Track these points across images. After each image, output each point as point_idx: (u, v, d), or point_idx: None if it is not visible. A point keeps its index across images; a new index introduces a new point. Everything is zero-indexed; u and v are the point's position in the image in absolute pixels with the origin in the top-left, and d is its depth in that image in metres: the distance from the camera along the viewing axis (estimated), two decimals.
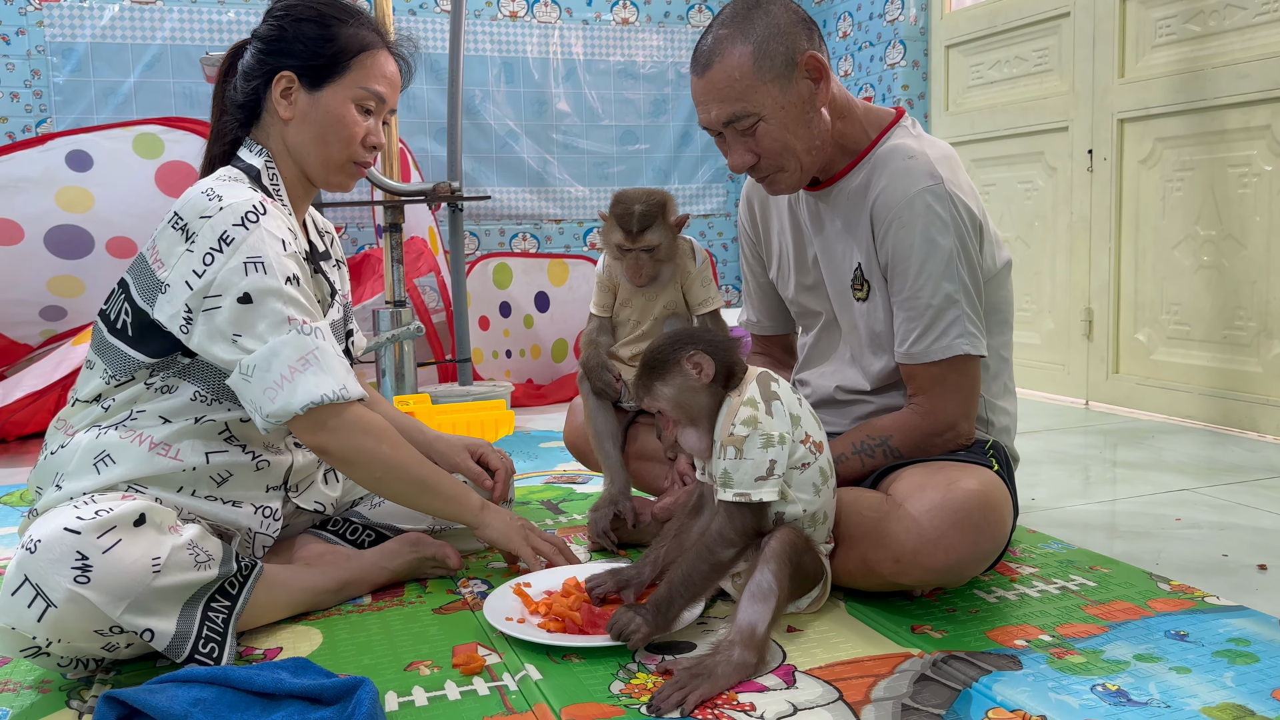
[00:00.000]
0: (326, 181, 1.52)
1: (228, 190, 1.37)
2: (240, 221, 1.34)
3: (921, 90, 3.79)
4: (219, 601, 1.30)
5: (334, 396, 1.33)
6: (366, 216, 3.95)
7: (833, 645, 1.31)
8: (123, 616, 1.18)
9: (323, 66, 1.46)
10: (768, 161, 1.47)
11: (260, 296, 1.32)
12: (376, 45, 1.50)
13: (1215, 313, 2.72)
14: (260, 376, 1.32)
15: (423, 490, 1.46)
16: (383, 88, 1.50)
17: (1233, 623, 1.36)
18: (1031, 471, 2.27)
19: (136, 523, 1.23)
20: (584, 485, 2.24)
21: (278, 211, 1.39)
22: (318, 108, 1.47)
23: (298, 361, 1.32)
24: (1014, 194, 3.39)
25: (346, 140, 1.48)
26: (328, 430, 1.35)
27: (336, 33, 1.47)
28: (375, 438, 1.39)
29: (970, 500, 1.30)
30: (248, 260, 1.32)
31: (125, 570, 1.18)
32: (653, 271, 1.70)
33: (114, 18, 3.64)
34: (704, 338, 1.33)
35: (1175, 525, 1.85)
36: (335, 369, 1.35)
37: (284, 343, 1.32)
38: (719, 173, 4.55)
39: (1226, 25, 2.64)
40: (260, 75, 1.47)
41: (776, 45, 1.41)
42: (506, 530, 1.50)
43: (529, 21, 4.18)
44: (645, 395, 1.34)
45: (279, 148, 1.50)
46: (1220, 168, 2.68)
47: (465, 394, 3.00)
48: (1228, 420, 2.69)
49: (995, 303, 1.55)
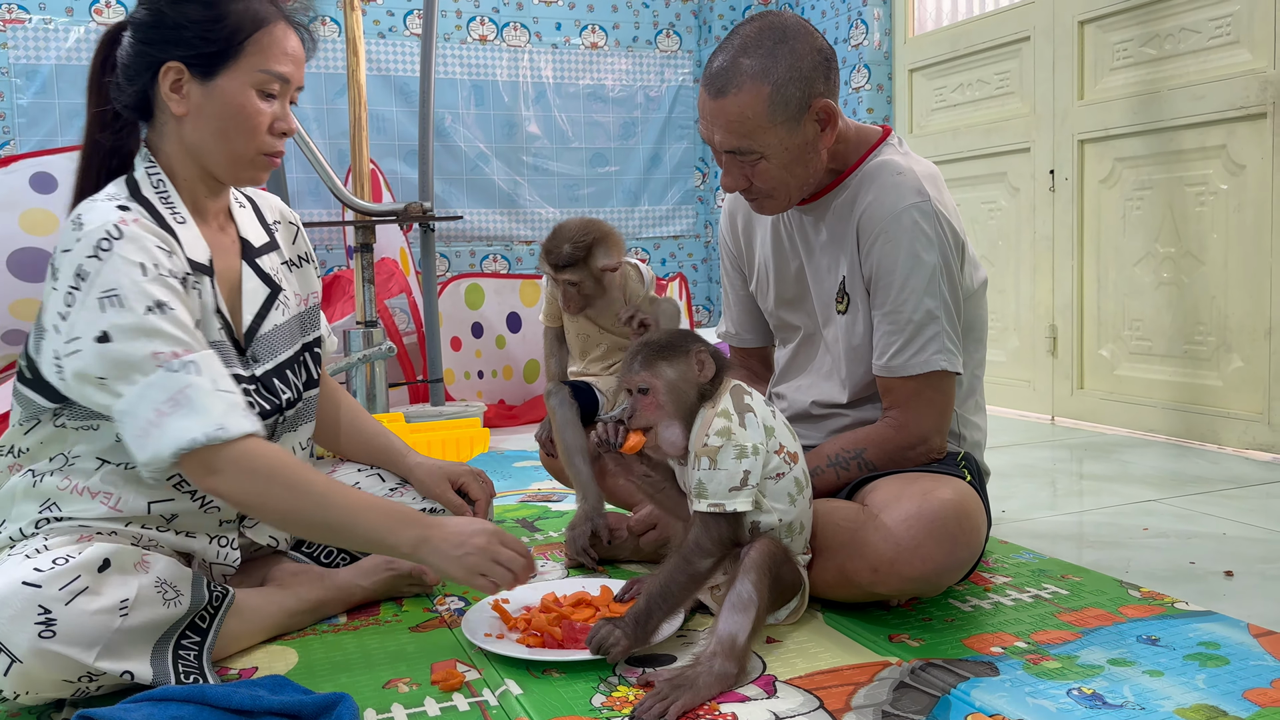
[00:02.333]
0: (236, 178, 1.37)
1: (90, 215, 1.23)
2: (94, 253, 1.20)
3: (886, 113, 3.85)
4: (189, 637, 1.26)
5: (206, 439, 1.18)
6: (337, 237, 3.93)
7: (812, 655, 1.31)
8: (97, 663, 1.14)
9: (214, 52, 1.29)
10: (760, 189, 1.49)
11: (118, 334, 1.18)
12: (273, 18, 1.32)
13: (1176, 328, 2.78)
14: (130, 424, 1.19)
15: (332, 535, 1.31)
16: (285, 67, 1.33)
17: (1202, 627, 1.38)
18: (1002, 485, 2.29)
19: (101, 568, 1.19)
20: (559, 503, 2.24)
21: (139, 231, 1.23)
22: (214, 99, 1.30)
23: (165, 403, 1.18)
24: (978, 214, 3.45)
25: (251, 131, 1.32)
26: (214, 474, 1.21)
27: (225, 10, 1.29)
28: (265, 479, 1.22)
29: (946, 510, 1.32)
30: (101, 296, 1.19)
31: (91, 618, 1.15)
32: (579, 304, 1.77)
33: (79, 40, 3.61)
34: (708, 343, 1.37)
35: (1143, 535, 1.88)
36: (209, 407, 1.19)
37: (150, 384, 1.18)
38: (688, 194, 4.59)
39: (1182, 49, 2.72)
40: (143, 69, 1.30)
41: (794, 89, 1.41)
42: (444, 565, 1.26)
43: (499, 45, 4.20)
44: (645, 371, 1.32)
45: (175, 148, 1.34)
46: (1178, 187, 2.74)
47: (438, 414, 2.99)
48: (1190, 433, 2.74)
49: (971, 321, 1.57)
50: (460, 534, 1.27)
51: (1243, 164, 2.56)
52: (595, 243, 1.73)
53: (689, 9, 4.53)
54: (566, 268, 1.73)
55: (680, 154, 4.56)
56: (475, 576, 1.26)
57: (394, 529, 1.26)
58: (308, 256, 1.58)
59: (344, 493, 1.28)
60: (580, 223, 1.76)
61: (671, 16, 4.50)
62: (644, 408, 1.32)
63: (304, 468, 1.28)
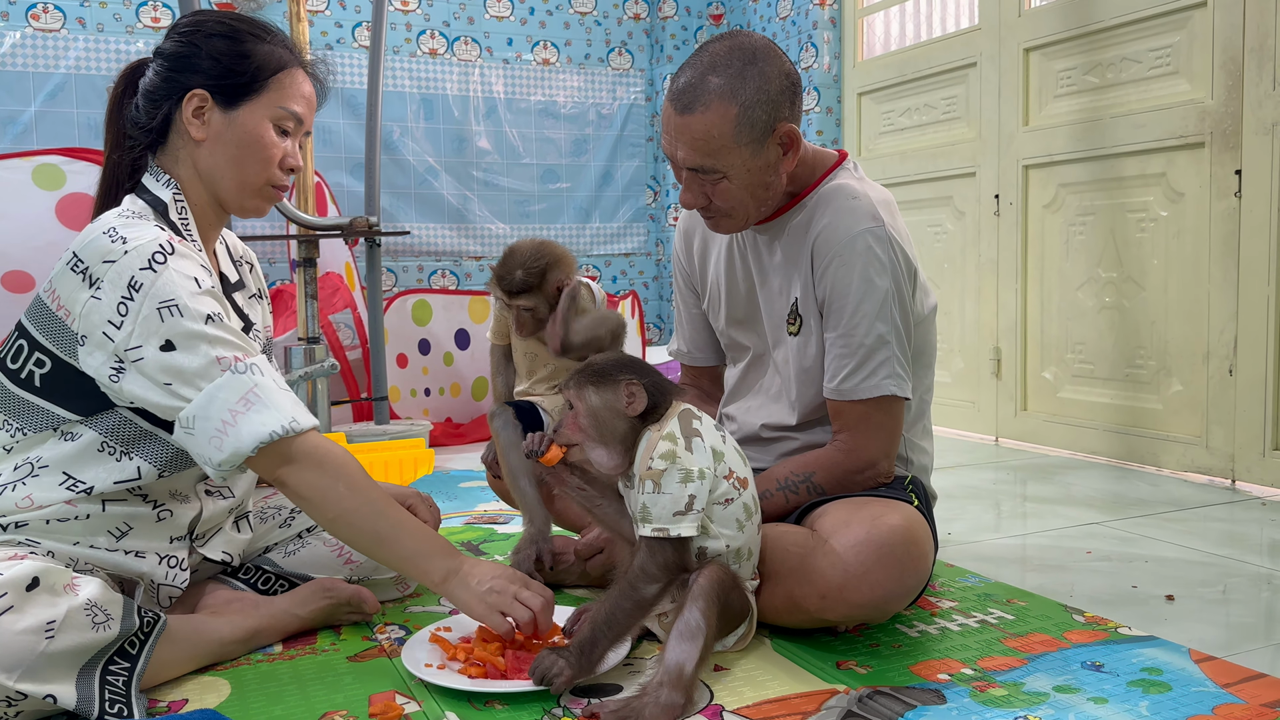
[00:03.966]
0: (241, 206, 1.44)
1: (132, 230, 1.29)
2: (148, 264, 1.26)
3: (835, 136, 3.88)
4: (117, 663, 1.22)
5: (283, 430, 1.25)
6: (280, 251, 3.86)
7: (760, 683, 1.30)
8: (19, 684, 1.11)
9: (239, 84, 1.38)
10: (719, 208, 1.48)
11: (182, 341, 1.25)
12: (292, 64, 1.43)
13: (1117, 352, 2.83)
14: (202, 427, 1.25)
15: (377, 544, 1.33)
16: (300, 108, 1.44)
17: (1145, 652, 1.39)
18: (947, 506, 2.31)
19: (29, 587, 1.15)
20: (505, 525, 2.20)
21: (187, 249, 1.31)
22: (234, 128, 1.39)
23: (238, 403, 1.25)
24: (924, 237, 3.49)
25: (265, 162, 1.41)
26: (289, 463, 1.28)
27: (252, 49, 1.39)
28: (332, 475, 1.30)
29: (894, 536, 1.31)
30: (161, 305, 1.25)
31: (14, 639, 1.11)
32: (533, 327, 1.75)
33: (15, 45, 3.51)
34: (650, 373, 1.34)
35: (1086, 558, 1.90)
36: (280, 402, 1.27)
37: (219, 386, 1.25)
38: (639, 212, 4.58)
39: (1123, 78, 2.78)
40: (168, 94, 1.39)
41: (760, 112, 1.41)
42: (468, 599, 1.31)
43: (449, 59, 4.17)
44: (573, 390, 1.33)
45: (188, 173, 1.41)
46: (1120, 213, 2.80)
47: (382, 433, 2.93)
48: (1130, 455, 2.78)
49: (920, 346, 1.58)
50: (486, 573, 1.33)
51: (1182, 191, 2.62)
52: (549, 267, 1.71)
53: (641, 28, 4.54)
54: (520, 294, 1.70)
55: (632, 172, 4.55)
56: (493, 613, 1.30)
57: (432, 554, 1.33)
58: (263, 292, 1.63)
59: (397, 508, 1.34)
60: (533, 246, 1.73)
61: (624, 35, 4.50)
62: (568, 424, 1.33)
63: (364, 472, 1.34)
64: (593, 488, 1.38)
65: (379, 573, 1.64)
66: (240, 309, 1.50)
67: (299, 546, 1.61)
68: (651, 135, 4.56)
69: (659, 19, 4.51)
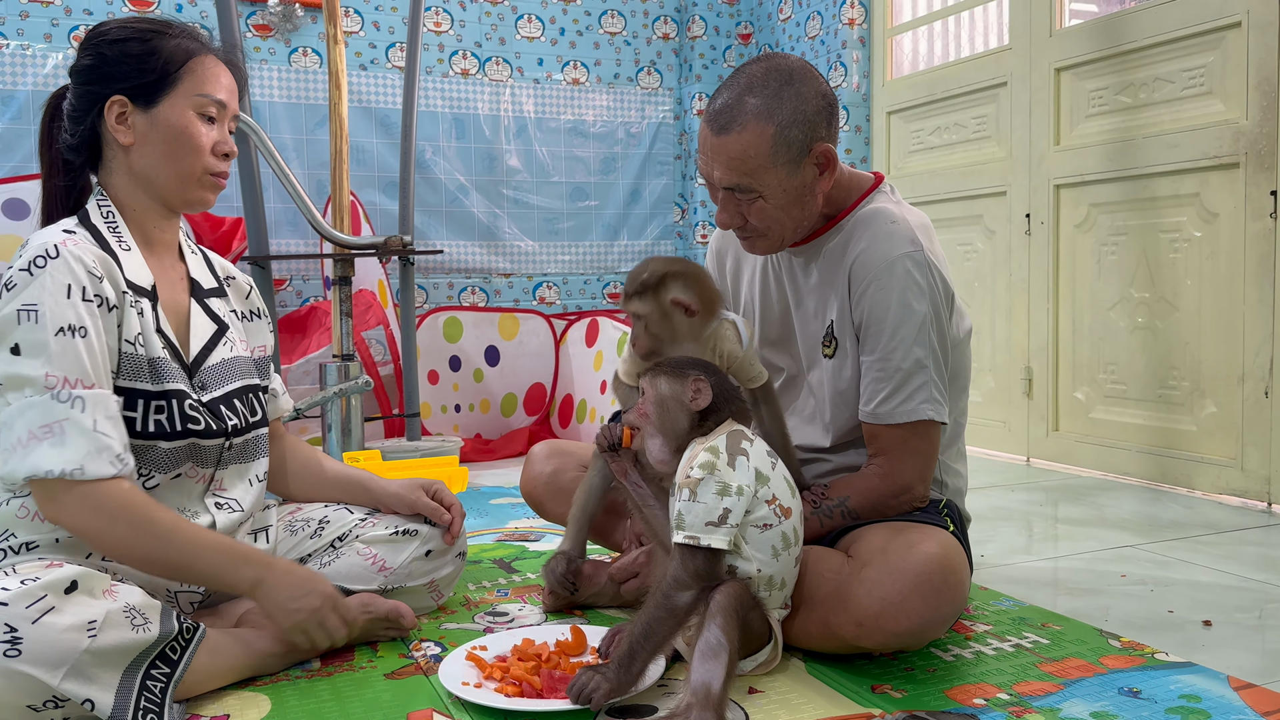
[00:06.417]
0: (185, 200, 1.46)
1: (36, 237, 1.34)
2: (27, 267, 1.30)
3: (864, 154, 3.89)
4: (159, 668, 1.24)
5: (61, 473, 1.25)
6: (314, 269, 3.91)
7: (794, 706, 1.30)
8: (63, 685, 1.13)
9: (152, 82, 1.40)
10: (754, 227, 1.50)
11: (27, 349, 1.27)
12: (201, 52, 1.45)
13: (1150, 372, 2.81)
14: (4, 434, 1.27)
15: (174, 572, 1.36)
16: (220, 93, 1.45)
17: (1183, 679, 1.38)
18: (980, 528, 2.30)
19: (68, 590, 1.18)
20: (536, 543, 2.21)
21: (77, 252, 1.32)
22: (158, 124, 1.41)
23: (39, 429, 1.25)
24: (954, 256, 3.48)
25: (196, 151, 1.43)
26: (56, 505, 1.28)
27: (157, 45, 1.41)
28: (109, 516, 1.28)
29: (931, 564, 1.31)
30: (21, 308, 1.28)
31: (59, 637, 1.14)
32: (648, 344, 1.57)
33: (57, 65, 3.58)
34: (719, 376, 1.40)
35: (1120, 581, 1.89)
36: (77, 444, 1.26)
37: (31, 404, 1.26)
38: (667, 230, 4.60)
39: (1156, 98, 2.77)
40: (89, 109, 1.41)
41: (796, 132, 1.43)
42: (274, 611, 1.38)
43: (480, 79, 4.21)
44: (646, 377, 1.39)
45: (124, 181, 1.44)
46: (1152, 233, 2.79)
47: (414, 449, 2.96)
48: (1164, 477, 2.76)
49: (956, 369, 1.58)
50: (299, 587, 1.39)
51: (1216, 212, 2.61)
52: (670, 276, 1.55)
53: (670, 47, 4.57)
54: (634, 296, 1.57)
55: (660, 189, 4.57)
56: (297, 633, 1.39)
57: (235, 566, 1.36)
58: (260, 313, 1.67)
59: (189, 532, 1.35)
60: (664, 258, 1.61)
61: (653, 54, 4.53)
62: (637, 408, 1.40)
63: (153, 507, 1.33)
64: (648, 485, 1.42)
65: (411, 579, 1.65)
66: (213, 311, 1.54)
67: (333, 558, 1.63)
68: (679, 153, 4.58)
69: (688, 39, 4.53)
